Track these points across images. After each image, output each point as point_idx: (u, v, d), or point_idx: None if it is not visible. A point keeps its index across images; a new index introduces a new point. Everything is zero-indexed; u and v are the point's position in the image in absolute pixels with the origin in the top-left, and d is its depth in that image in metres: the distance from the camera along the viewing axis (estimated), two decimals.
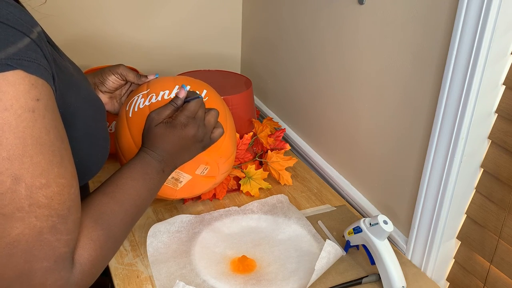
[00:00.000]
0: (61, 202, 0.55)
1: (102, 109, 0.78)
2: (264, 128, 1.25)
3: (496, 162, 0.86)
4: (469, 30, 0.79)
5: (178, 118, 0.79)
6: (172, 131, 0.78)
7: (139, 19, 1.57)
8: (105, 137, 0.77)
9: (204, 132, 0.82)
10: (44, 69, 0.54)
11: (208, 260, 0.96)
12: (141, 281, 0.91)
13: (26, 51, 0.52)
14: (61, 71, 0.64)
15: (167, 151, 0.78)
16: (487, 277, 0.90)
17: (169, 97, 0.94)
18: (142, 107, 0.94)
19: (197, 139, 0.81)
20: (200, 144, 0.82)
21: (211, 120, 0.83)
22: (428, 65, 0.91)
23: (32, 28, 0.54)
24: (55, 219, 0.55)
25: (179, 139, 0.78)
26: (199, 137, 0.81)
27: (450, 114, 0.85)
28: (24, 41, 0.52)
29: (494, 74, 0.82)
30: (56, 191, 0.55)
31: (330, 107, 1.25)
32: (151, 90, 0.96)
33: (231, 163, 1.04)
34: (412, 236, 0.99)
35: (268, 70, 1.57)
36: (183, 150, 0.80)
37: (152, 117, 0.79)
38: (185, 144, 0.79)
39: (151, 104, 0.93)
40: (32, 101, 0.52)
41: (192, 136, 0.79)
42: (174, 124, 0.78)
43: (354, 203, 1.19)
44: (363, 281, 0.92)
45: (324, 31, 1.22)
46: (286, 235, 1.05)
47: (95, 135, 0.73)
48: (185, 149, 0.80)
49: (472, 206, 0.93)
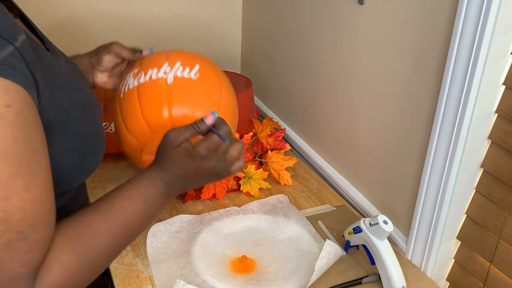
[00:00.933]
0: (22, 217, 0.51)
1: (98, 109, 0.75)
2: (264, 128, 1.25)
3: (496, 162, 0.86)
4: (469, 30, 0.79)
5: (198, 149, 0.71)
6: (188, 160, 0.71)
7: (136, 20, 1.57)
8: (100, 137, 0.74)
9: (223, 167, 0.74)
10: (21, 74, 0.51)
11: (208, 260, 0.96)
12: (141, 281, 0.91)
13: (4, 56, 0.49)
14: (52, 72, 0.63)
15: (178, 176, 0.72)
16: (487, 277, 0.90)
17: (157, 77, 0.84)
18: (131, 88, 0.86)
19: (213, 172, 0.74)
20: (216, 176, 0.76)
21: (234, 154, 0.74)
22: (428, 65, 0.91)
23: (16, 35, 0.52)
24: (13, 235, 0.50)
25: (194, 169, 0.72)
26: (216, 170, 0.74)
27: (450, 114, 0.85)
28: (7, 48, 0.50)
29: (494, 74, 0.82)
30: (17, 205, 0.50)
31: (330, 107, 1.25)
32: (141, 68, 0.87)
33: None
34: (412, 236, 0.99)
35: (268, 70, 1.57)
36: (196, 178, 0.74)
37: (169, 137, 0.72)
38: (200, 174, 0.73)
39: (139, 85, 0.85)
40: (1, 107, 0.48)
41: (209, 169, 0.73)
42: (193, 154, 0.71)
43: (354, 203, 1.19)
44: (363, 281, 0.92)
45: (324, 31, 1.22)
46: (286, 235, 1.05)
47: (89, 135, 0.70)
48: (198, 178, 0.74)
49: (472, 206, 0.93)
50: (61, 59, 0.72)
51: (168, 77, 0.84)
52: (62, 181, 0.65)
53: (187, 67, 0.86)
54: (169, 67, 0.85)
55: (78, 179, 0.71)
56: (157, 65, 0.86)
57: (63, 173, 0.65)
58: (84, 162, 0.70)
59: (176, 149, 0.71)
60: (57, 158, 0.62)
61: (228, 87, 0.91)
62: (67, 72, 0.70)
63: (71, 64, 0.77)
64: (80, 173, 0.70)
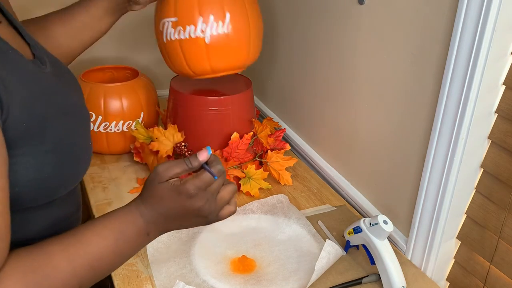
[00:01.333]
0: None
1: (84, 118, 0.71)
2: (264, 128, 1.25)
3: (496, 162, 0.86)
4: (469, 30, 0.79)
5: (186, 186, 0.65)
6: (175, 197, 0.66)
7: None
8: (84, 148, 0.69)
9: (212, 209, 0.68)
10: None
11: (208, 260, 0.96)
12: (141, 281, 0.91)
13: None
14: (29, 82, 0.60)
15: (162, 214, 0.66)
16: (487, 277, 0.90)
17: (195, 35, 1.02)
18: (173, 39, 1.04)
19: (201, 214, 0.68)
20: (203, 219, 0.69)
21: (225, 196, 0.69)
22: (428, 65, 0.91)
23: None
24: None
25: (180, 208, 0.66)
26: (204, 212, 0.67)
27: (450, 114, 0.85)
28: None
29: (494, 74, 0.82)
30: None
31: (330, 107, 1.25)
32: (179, 20, 1.03)
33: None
34: (412, 236, 0.99)
35: (268, 70, 1.57)
36: (181, 219, 0.68)
37: (158, 171, 0.67)
38: (186, 215, 0.67)
39: (180, 41, 1.03)
40: None
41: (196, 209, 0.67)
42: (180, 190, 0.65)
43: (354, 203, 1.19)
44: (363, 281, 0.92)
45: (324, 31, 1.22)
46: (286, 235, 1.05)
47: (70, 146, 0.65)
48: (183, 218, 0.68)
49: (472, 206, 0.93)
50: (47, 65, 0.69)
51: (206, 37, 1.03)
52: (40, 194, 0.62)
53: (220, 21, 1.03)
54: (204, 24, 1.02)
55: (58, 191, 0.66)
56: (193, 21, 1.02)
57: (40, 187, 0.61)
58: (64, 174, 0.65)
59: (163, 184, 0.66)
60: (33, 171, 0.59)
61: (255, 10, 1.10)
62: (51, 79, 0.67)
63: (60, 68, 0.74)
64: (61, 186, 0.65)
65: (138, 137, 1.23)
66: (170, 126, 1.18)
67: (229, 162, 1.19)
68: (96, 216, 1.09)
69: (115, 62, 1.59)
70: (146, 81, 1.33)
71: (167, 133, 1.17)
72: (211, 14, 1.02)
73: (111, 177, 1.24)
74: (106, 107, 1.24)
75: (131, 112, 1.27)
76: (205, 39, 1.03)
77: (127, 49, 1.62)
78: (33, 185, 0.60)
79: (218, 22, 1.03)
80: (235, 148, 1.19)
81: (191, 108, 1.19)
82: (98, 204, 1.13)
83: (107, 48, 1.59)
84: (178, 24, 1.03)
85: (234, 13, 1.05)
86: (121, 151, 1.32)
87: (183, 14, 1.03)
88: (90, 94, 1.24)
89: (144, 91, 1.30)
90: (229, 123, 1.21)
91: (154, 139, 1.18)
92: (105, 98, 1.24)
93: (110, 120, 1.25)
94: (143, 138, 1.22)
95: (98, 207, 1.12)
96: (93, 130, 1.26)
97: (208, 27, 1.02)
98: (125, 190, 1.18)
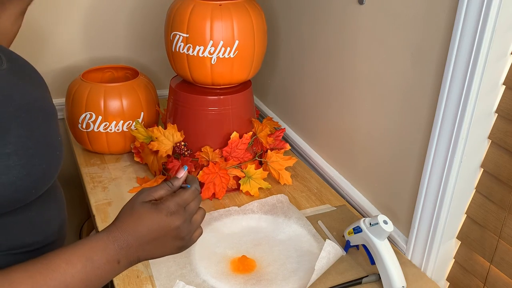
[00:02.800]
0: None
1: (50, 115, 0.67)
2: (263, 128, 1.25)
3: (496, 162, 0.86)
4: (469, 30, 0.79)
5: (166, 203, 0.66)
6: (154, 214, 0.65)
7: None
8: (52, 147, 0.65)
9: (189, 229, 0.68)
10: None
11: (208, 260, 0.96)
12: (141, 281, 0.91)
13: None
14: None
15: (137, 237, 0.64)
16: (487, 277, 0.90)
17: (203, 55, 1.11)
18: (181, 52, 1.13)
19: (178, 235, 0.67)
20: (180, 242, 0.68)
21: (198, 219, 0.71)
22: (428, 65, 0.91)
23: None
24: None
25: (158, 227, 0.65)
26: (182, 232, 0.67)
27: (450, 114, 0.85)
28: None
29: (494, 74, 0.82)
30: None
31: (330, 107, 1.25)
32: (190, 37, 1.10)
33: None
34: (412, 236, 0.99)
35: (268, 70, 1.57)
36: (157, 242, 0.66)
37: (142, 193, 0.68)
38: (163, 236, 0.66)
39: (188, 56, 1.12)
40: None
41: (175, 228, 0.66)
42: (160, 208, 0.65)
43: (354, 203, 1.19)
44: (363, 281, 0.92)
45: (324, 31, 1.22)
46: (286, 235, 1.05)
47: (35, 146, 0.61)
48: (160, 241, 0.66)
49: (472, 206, 0.93)
50: (3, 62, 0.64)
51: (213, 58, 1.12)
52: (10, 198, 0.59)
53: (228, 47, 1.11)
54: (213, 47, 1.10)
55: (30, 194, 0.62)
56: (203, 43, 1.10)
57: (8, 191, 0.58)
58: (33, 176, 0.61)
59: (144, 204, 0.66)
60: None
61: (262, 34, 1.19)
62: (7, 76, 0.63)
63: (18, 63, 0.69)
64: (31, 188, 0.62)
65: (138, 137, 1.23)
66: (169, 125, 1.18)
67: (228, 161, 1.19)
68: (96, 216, 1.09)
69: (115, 62, 1.59)
70: (146, 81, 1.33)
71: (166, 132, 1.17)
72: (221, 40, 1.10)
73: (111, 177, 1.24)
74: (106, 107, 1.24)
75: (131, 112, 1.27)
76: (212, 60, 1.12)
77: (127, 49, 1.62)
78: (0, 190, 0.57)
79: (226, 48, 1.11)
80: (234, 147, 1.19)
81: (191, 108, 1.20)
82: (98, 204, 1.13)
83: (107, 48, 1.59)
84: (189, 41, 1.11)
85: (243, 41, 1.12)
86: (121, 151, 1.32)
87: (195, 34, 1.10)
88: (90, 94, 1.24)
89: (144, 91, 1.30)
90: (229, 122, 1.21)
91: (154, 139, 1.18)
92: (105, 98, 1.24)
93: (110, 120, 1.25)
94: (143, 138, 1.22)
95: (98, 207, 1.12)
96: (93, 130, 1.26)
97: (216, 51, 1.11)
98: (125, 190, 1.18)
